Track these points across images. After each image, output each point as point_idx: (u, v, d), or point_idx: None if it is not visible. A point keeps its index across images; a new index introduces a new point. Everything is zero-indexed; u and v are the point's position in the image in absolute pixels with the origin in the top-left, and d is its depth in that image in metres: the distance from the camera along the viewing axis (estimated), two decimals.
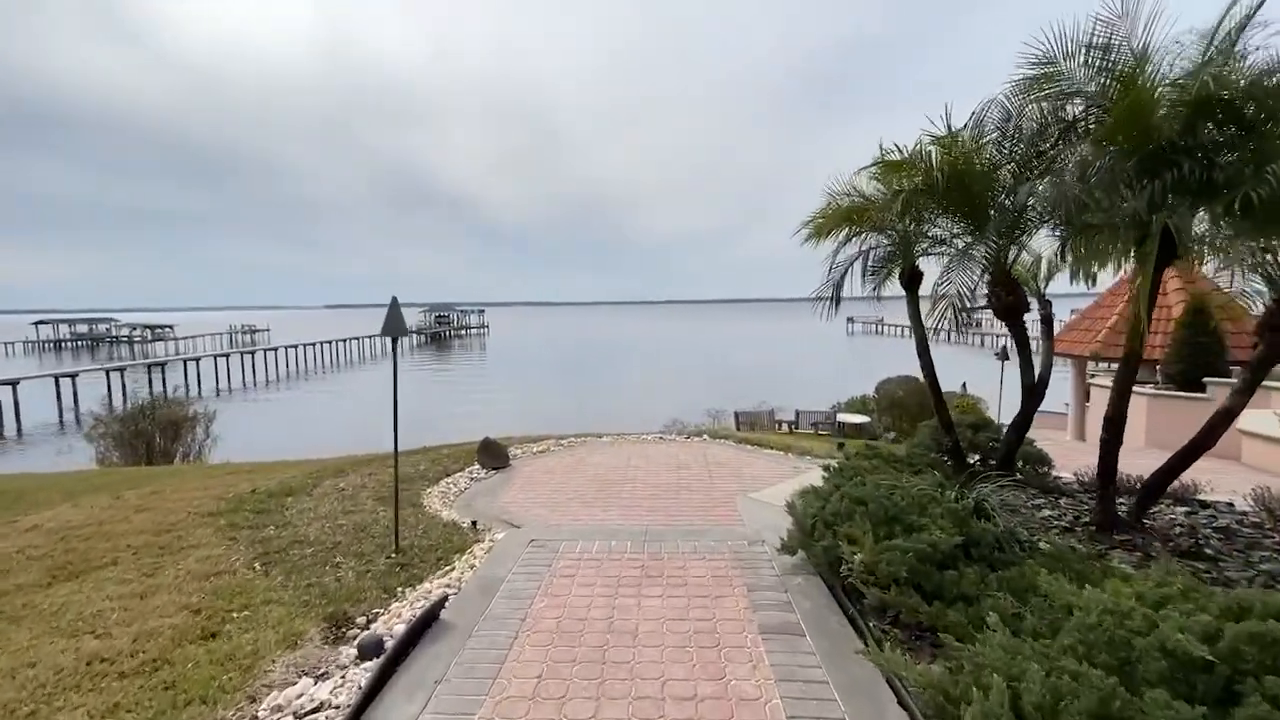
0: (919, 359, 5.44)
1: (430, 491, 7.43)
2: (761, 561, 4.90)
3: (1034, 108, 4.79)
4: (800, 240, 5.74)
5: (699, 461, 8.91)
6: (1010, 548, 3.70)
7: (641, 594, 4.37)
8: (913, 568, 3.43)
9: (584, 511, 6.77)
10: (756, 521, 5.79)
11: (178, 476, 9.73)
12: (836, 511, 4.04)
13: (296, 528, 5.85)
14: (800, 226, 5.79)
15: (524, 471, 8.49)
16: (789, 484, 6.52)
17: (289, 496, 7.15)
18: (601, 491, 7.54)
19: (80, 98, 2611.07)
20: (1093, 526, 4.93)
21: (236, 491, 7.32)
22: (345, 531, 5.68)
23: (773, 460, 8.97)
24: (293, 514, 6.36)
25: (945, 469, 5.46)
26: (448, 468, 8.63)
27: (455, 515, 6.49)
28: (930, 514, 3.67)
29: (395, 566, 4.78)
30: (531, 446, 9.90)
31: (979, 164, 4.79)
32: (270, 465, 11.80)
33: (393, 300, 4.86)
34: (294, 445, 23.04)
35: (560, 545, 5.38)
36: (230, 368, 47.64)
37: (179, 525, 5.91)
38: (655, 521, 6.28)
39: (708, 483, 7.80)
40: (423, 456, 9.43)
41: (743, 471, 8.32)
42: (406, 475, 8.15)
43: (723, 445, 10.05)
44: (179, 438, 20.13)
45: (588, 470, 8.52)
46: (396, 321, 4.87)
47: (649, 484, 7.80)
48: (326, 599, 4.18)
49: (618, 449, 9.78)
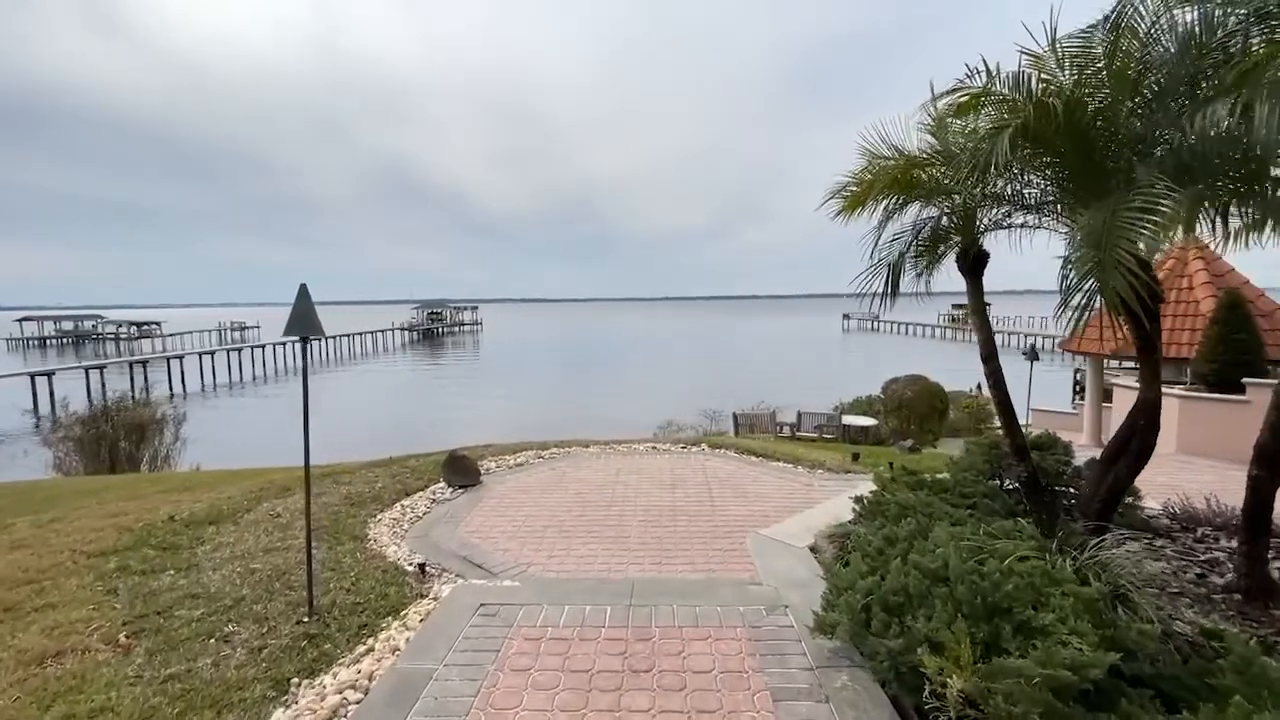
0: (984, 364, 4.28)
1: (381, 519, 6.30)
2: (787, 642, 3.67)
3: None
4: (827, 215, 4.56)
5: (697, 478, 7.80)
6: (1176, 659, 2.51)
7: (623, 703, 3.14)
8: (1049, 709, 2.26)
9: (560, 544, 5.66)
10: (774, 572, 4.48)
11: (115, 490, 8.58)
12: (902, 589, 2.88)
13: (200, 573, 4.71)
14: (828, 197, 4.58)
15: (496, 491, 7.36)
16: (808, 515, 5.36)
17: (211, 525, 6.02)
18: (583, 516, 6.43)
19: (70, 92, 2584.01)
20: (1237, 594, 3.75)
21: (150, 520, 6.18)
22: (258, 580, 4.53)
23: (781, 476, 7.87)
24: (205, 551, 5.22)
25: (1004, 504, 4.36)
26: (409, 485, 7.50)
27: (404, 552, 5.36)
28: (1053, 604, 2.54)
29: (302, 639, 3.65)
30: (508, 459, 8.77)
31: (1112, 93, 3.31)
32: (235, 474, 10.66)
33: (300, 290, 3.68)
34: (269, 449, 21.96)
35: (518, 614, 4.09)
36: (215, 365, 46.35)
37: (50, 572, 4.76)
38: (645, 565, 5.16)
39: (708, 506, 6.70)
40: (384, 471, 8.30)
41: (748, 491, 7.21)
42: (358, 496, 7.03)
43: (723, 457, 8.94)
44: (144, 441, 18.91)
45: (569, 488, 7.40)
46: (306, 318, 3.69)
47: (639, 507, 6.70)
48: (184, 703, 3.05)
49: (605, 462, 8.66)
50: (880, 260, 4.41)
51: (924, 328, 72.38)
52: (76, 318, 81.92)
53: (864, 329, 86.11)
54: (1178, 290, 15.48)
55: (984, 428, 18.88)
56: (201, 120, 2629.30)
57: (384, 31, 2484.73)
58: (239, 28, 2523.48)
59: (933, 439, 17.60)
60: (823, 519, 4.96)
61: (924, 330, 72.21)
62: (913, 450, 10.23)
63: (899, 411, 18.32)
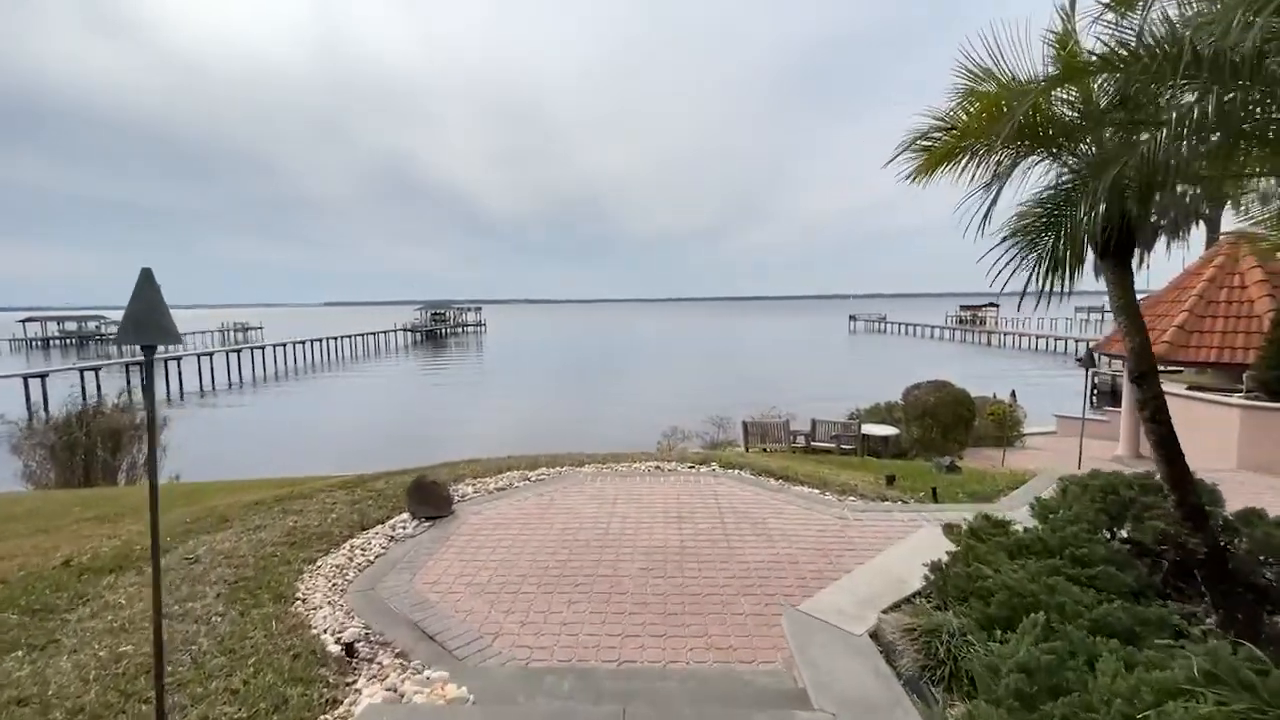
0: (1137, 386, 3.03)
1: (322, 565, 5.14)
2: None
3: None
4: (897, 175, 3.36)
5: (708, 508, 6.60)
6: None
7: None
8: None
9: (539, 603, 4.49)
10: (828, 684, 2.83)
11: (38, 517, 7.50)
12: None
13: (54, 657, 3.57)
14: (899, 150, 3.35)
15: (470, 523, 6.20)
16: (857, 577, 3.92)
17: (111, 574, 4.87)
18: (570, 560, 5.26)
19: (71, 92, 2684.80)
20: None
21: (40, 565, 5.05)
22: (118, 675, 3.35)
23: (808, 505, 6.66)
24: (80, 618, 4.08)
25: (1137, 574, 3.15)
26: (367, 516, 6.34)
27: (337, 617, 4.20)
28: None
29: None
30: (488, 481, 7.59)
31: None
32: (196, 489, 9.62)
33: (141, 278, 2.52)
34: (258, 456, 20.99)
35: None
36: (215, 366, 45.47)
37: None
38: (645, 640, 3.98)
39: (723, 547, 5.51)
40: (345, 495, 7.15)
41: (770, 526, 6.01)
42: (304, 531, 5.88)
43: (737, 479, 7.74)
44: (120, 449, 17.86)
45: (556, 522, 6.23)
46: (149, 317, 2.53)
47: (639, 548, 5.52)
48: None
49: (600, 486, 7.48)
50: (1017, 243, 3.06)
51: (931, 329, 70.88)
52: (80, 318, 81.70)
53: (871, 330, 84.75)
54: (1228, 290, 14.14)
55: (1012, 436, 17.59)
56: (202, 120, 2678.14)
57: (384, 31, 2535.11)
58: (243, 29, 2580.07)
59: (959, 449, 16.35)
60: (879, 582, 3.76)
61: (932, 331, 70.68)
62: (951, 470, 9.00)
63: (922, 420, 17.07)
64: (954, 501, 7.02)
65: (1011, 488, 7.56)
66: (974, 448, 17.36)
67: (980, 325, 68.96)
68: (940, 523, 6.09)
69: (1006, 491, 7.39)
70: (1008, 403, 19.21)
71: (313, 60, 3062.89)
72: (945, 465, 9.16)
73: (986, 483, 7.92)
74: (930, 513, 6.42)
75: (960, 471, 8.97)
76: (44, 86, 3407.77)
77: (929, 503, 6.98)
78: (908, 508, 6.66)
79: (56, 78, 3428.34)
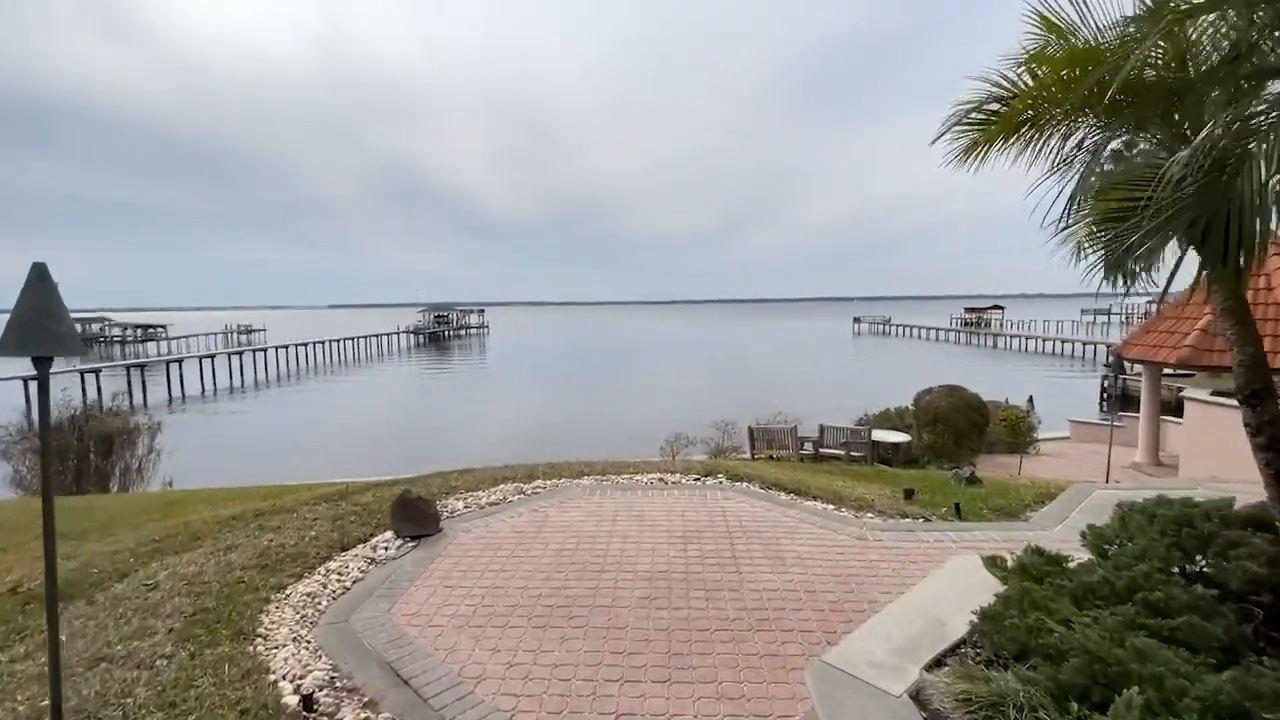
0: (1248, 406, 2.55)
1: (292, 592, 4.68)
2: None
3: None
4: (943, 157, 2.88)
5: (716, 526, 6.12)
6: None
7: None
8: None
9: (528, 639, 4.02)
10: None
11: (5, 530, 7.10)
12: None
13: None
14: (946, 127, 2.85)
15: (457, 544, 5.73)
16: (887, 618, 3.41)
17: (60, 602, 4.44)
18: (565, 587, 4.79)
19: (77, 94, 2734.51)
20: None
21: None
22: None
23: (823, 525, 6.17)
24: (10, 659, 3.64)
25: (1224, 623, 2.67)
26: (348, 534, 5.89)
27: (302, 657, 3.74)
28: None
29: None
30: (480, 495, 7.11)
31: None
32: (181, 498, 9.23)
33: (33, 273, 2.08)
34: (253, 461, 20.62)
35: None
36: (217, 369, 45.15)
37: None
38: (645, 686, 3.50)
39: (733, 573, 5.03)
40: (328, 510, 6.70)
41: (783, 548, 5.52)
42: (277, 552, 5.42)
43: (746, 493, 7.25)
44: (112, 454, 17.48)
45: (551, 542, 5.75)
46: (42, 320, 2.06)
47: (640, 573, 5.04)
48: None
49: (600, 501, 7.00)
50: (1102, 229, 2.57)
51: (935, 331, 70.27)
52: (84, 320, 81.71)
53: (875, 333, 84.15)
54: (1253, 291, 13.59)
55: (1024, 441, 17.03)
56: (204, 121, 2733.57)
57: (384, 31, 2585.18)
58: (246, 30, 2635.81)
59: (972, 456, 15.82)
60: (915, 625, 3.27)
61: (936, 334, 70.04)
62: (972, 482, 8.48)
63: (933, 426, 16.53)
64: (979, 518, 6.52)
65: (1037, 501, 7.05)
66: (986, 454, 16.85)
67: (985, 327, 68.35)
68: (967, 543, 5.60)
69: (1035, 506, 6.87)
70: (1023, 409, 18.62)
71: (314, 60, 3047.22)
72: (965, 477, 8.64)
73: (1010, 496, 7.40)
74: (957, 532, 5.92)
75: (981, 484, 8.45)
76: (44, 87, 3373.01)
77: (953, 519, 6.48)
78: (932, 526, 6.16)
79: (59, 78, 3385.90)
